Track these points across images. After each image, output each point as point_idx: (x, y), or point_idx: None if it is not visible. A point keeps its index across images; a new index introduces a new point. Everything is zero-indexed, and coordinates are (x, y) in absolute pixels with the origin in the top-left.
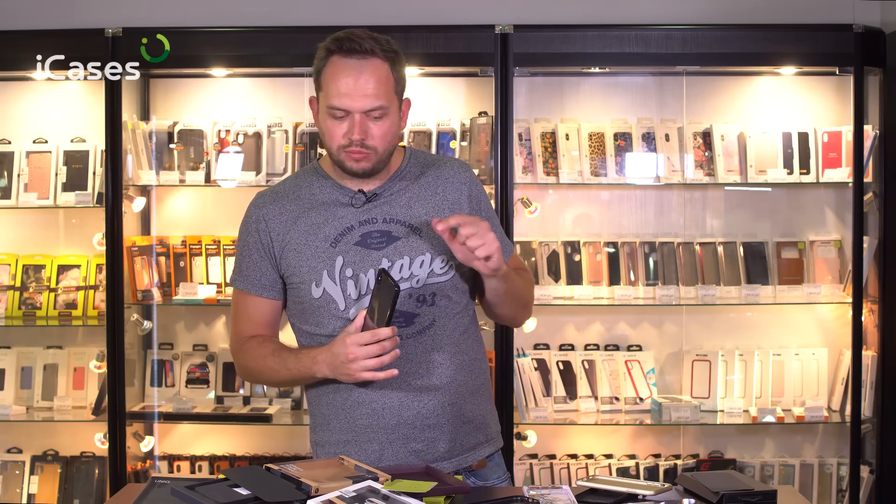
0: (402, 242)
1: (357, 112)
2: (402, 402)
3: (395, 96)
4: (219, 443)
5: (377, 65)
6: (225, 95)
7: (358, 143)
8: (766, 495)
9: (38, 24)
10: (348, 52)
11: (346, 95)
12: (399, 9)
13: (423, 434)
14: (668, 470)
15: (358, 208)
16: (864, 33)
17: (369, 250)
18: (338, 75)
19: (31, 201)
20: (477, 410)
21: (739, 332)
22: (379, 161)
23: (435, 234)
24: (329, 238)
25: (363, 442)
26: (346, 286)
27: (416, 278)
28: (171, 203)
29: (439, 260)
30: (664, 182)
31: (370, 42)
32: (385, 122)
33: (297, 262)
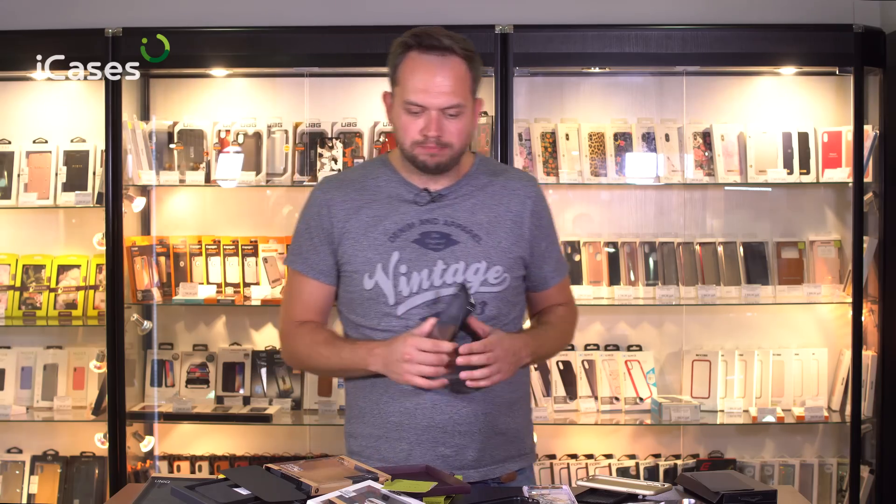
0: (459, 247)
1: (434, 109)
2: (435, 405)
3: (470, 95)
4: (219, 443)
5: (456, 63)
6: (225, 95)
7: (434, 139)
8: (766, 495)
9: (38, 24)
10: (427, 49)
11: (423, 91)
12: (399, 9)
13: (453, 440)
14: (668, 470)
15: (421, 206)
16: (864, 33)
17: (426, 250)
18: (416, 71)
19: (31, 201)
20: (511, 423)
21: (739, 332)
22: (453, 157)
23: (493, 243)
24: (388, 232)
25: (393, 440)
26: (399, 282)
27: (469, 284)
28: (171, 203)
29: (494, 270)
30: (664, 182)
31: (449, 40)
32: (461, 120)
33: (354, 251)
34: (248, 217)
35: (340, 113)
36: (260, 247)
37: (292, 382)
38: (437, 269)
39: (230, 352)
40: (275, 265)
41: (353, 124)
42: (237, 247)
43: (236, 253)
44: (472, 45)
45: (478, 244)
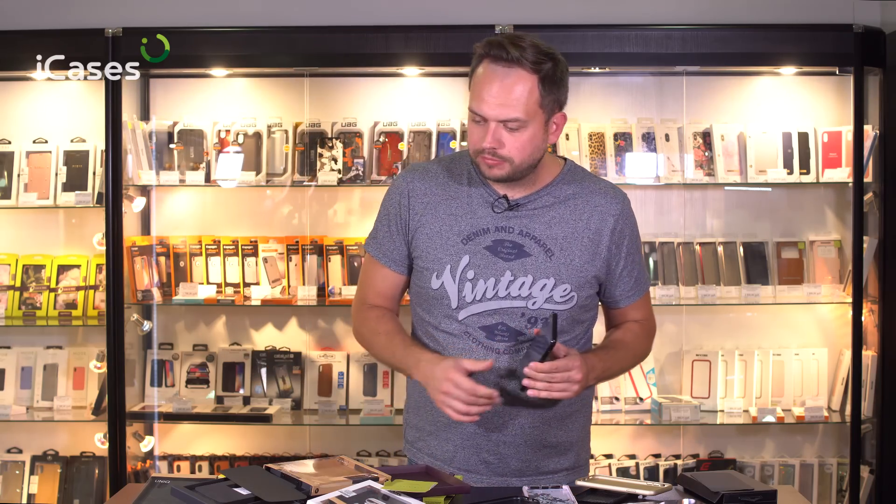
0: (530, 260)
1: (492, 120)
2: (492, 409)
3: (539, 110)
4: (219, 443)
5: (521, 76)
6: (225, 95)
7: (490, 151)
8: (766, 495)
9: (38, 24)
10: (496, 59)
11: (483, 101)
12: (399, 9)
13: (498, 448)
14: (668, 470)
15: (498, 213)
16: (864, 33)
17: (496, 258)
18: (481, 80)
19: (31, 201)
20: (563, 437)
21: (739, 332)
22: (515, 171)
23: (565, 260)
24: (462, 234)
25: (441, 439)
26: (464, 287)
27: (534, 300)
28: (171, 203)
29: (562, 288)
30: (664, 182)
31: (519, 51)
32: (522, 134)
33: (427, 247)
34: (248, 217)
35: (340, 113)
36: (260, 247)
37: (292, 382)
38: (504, 279)
39: (230, 352)
40: (274, 265)
41: (353, 124)
42: (237, 247)
43: (236, 253)
44: (552, 55)
45: (549, 259)
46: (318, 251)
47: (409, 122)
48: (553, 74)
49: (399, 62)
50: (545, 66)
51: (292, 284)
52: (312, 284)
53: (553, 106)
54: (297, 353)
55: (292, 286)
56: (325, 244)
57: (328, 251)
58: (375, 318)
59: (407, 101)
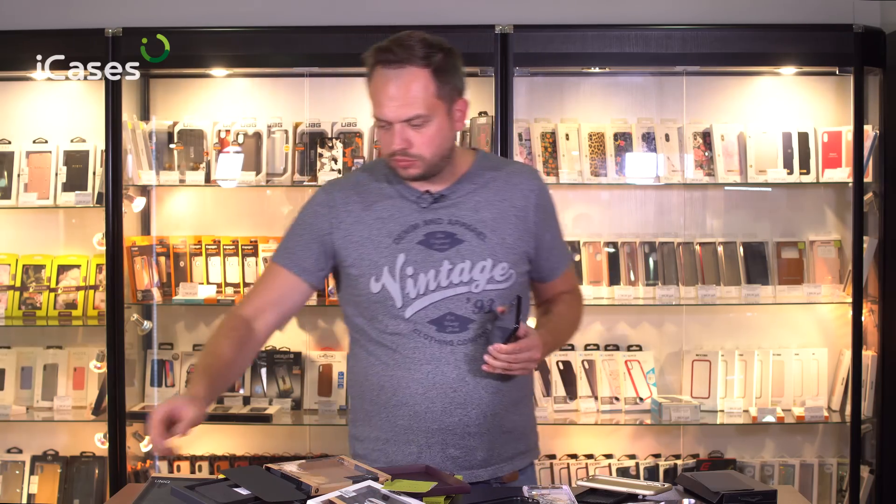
0: (465, 245)
1: (396, 122)
2: (445, 408)
3: (438, 102)
4: (219, 443)
5: (413, 73)
6: (225, 95)
7: (401, 152)
8: (766, 495)
9: (38, 24)
10: (386, 63)
11: (383, 106)
12: (399, 9)
13: (463, 441)
14: (668, 470)
15: (424, 207)
16: (864, 33)
17: (431, 251)
18: (377, 86)
19: (31, 201)
20: (518, 421)
21: (739, 332)
22: (430, 167)
23: (497, 240)
24: (393, 234)
25: (402, 443)
26: (406, 284)
27: (476, 283)
28: (171, 203)
29: (500, 267)
30: (664, 182)
31: (406, 51)
32: (428, 129)
33: (359, 254)
34: (248, 217)
35: (340, 113)
36: (260, 247)
37: (292, 382)
38: (444, 269)
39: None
40: None
41: (353, 124)
42: (237, 247)
43: (236, 253)
44: (441, 46)
45: (483, 242)
46: None
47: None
48: (445, 64)
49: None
50: (435, 58)
51: None
52: None
53: (452, 94)
54: (297, 353)
55: None
56: None
57: None
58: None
59: None
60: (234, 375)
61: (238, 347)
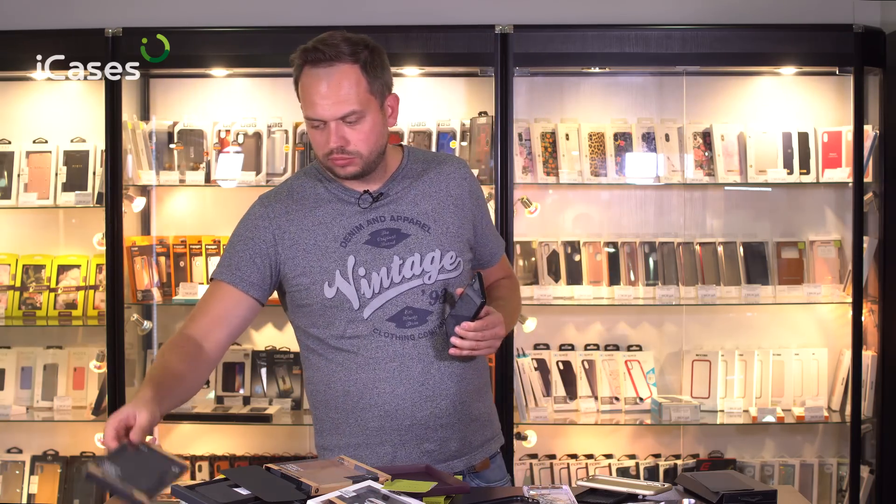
0: (412, 239)
1: (330, 120)
2: (415, 403)
3: (371, 97)
4: (219, 443)
5: (344, 70)
6: (225, 95)
7: (338, 150)
8: (766, 495)
9: (38, 24)
10: (314, 62)
11: (316, 105)
12: (399, 9)
13: (436, 434)
14: (668, 470)
15: (364, 208)
16: (864, 33)
17: (380, 248)
18: (307, 86)
19: (31, 201)
20: (482, 408)
21: (739, 332)
22: (367, 164)
23: (441, 230)
24: (338, 238)
25: (375, 444)
26: (360, 285)
27: (428, 274)
28: (171, 203)
29: (448, 256)
30: (664, 182)
31: (333, 49)
32: (363, 125)
33: (307, 262)
34: None
35: None
36: None
37: (292, 382)
38: (395, 265)
39: (230, 352)
40: None
41: None
42: None
43: None
44: (369, 44)
45: (428, 233)
46: None
47: (408, 122)
48: (373, 60)
49: (399, 62)
50: (362, 55)
51: None
52: None
53: (383, 90)
54: (297, 353)
55: None
56: None
57: None
58: (171, 346)
59: (407, 101)
60: (186, 392)
61: (188, 362)
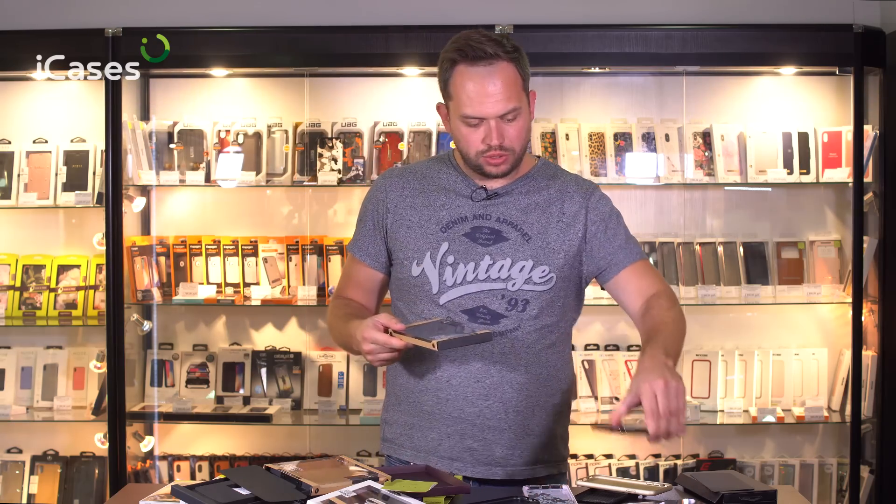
0: (508, 244)
1: (492, 118)
2: (466, 397)
3: (524, 94)
4: (219, 443)
5: (504, 67)
6: (225, 95)
7: (497, 147)
8: (766, 495)
9: (38, 24)
10: (474, 60)
11: (479, 103)
12: (399, 9)
13: (482, 434)
14: (668, 470)
15: (476, 202)
16: (864, 33)
17: (475, 244)
18: (466, 84)
19: (31, 201)
20: (545, 427)
21: (739, 332)
22: (516, 160)
23: (541, 243)
24: (441, 223)
25: (425, 428)
26: (444, 271)
27: (513, 281)
28: (171, 203)
29: (540, 269)
30: (664, 182)
31: (492, 45)
32: (519, 121)
33: (406, 239)
34: (248, 217)
35: (340, 113)
36: (260, 247)
37: (292, 382)
38: (484, 263)
39: (230, 352)
40: (274, 265)
41: (353, 124)
42: (237, 247)
43: (236, 253)
44: (514, 43)
45: (527, 243)
46: (319, 251)
47: (409, 122)
48: (522, 58)
49: (399, 62)
50: (514, 53)
51: (292, 284)
52: (312, 284)
53: (527, 87)
54: (297, 353)
55: (292, 286)
56: (325, 244)
57: (328, 251)
58: (340, 305)
59: (407, 101)
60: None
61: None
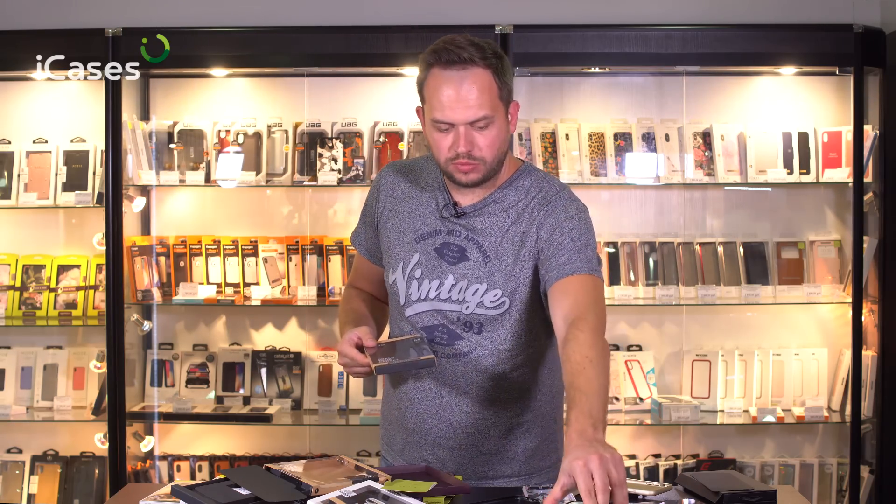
0: (469, 264)
1: (461, 124)
2: (419, 413)
3: (500, 103)
4: (219, 443)
5: (478, 73)
6: (225, 95)
7: (465, 154)
8: (766, 495)
9: (38, 24)
10: (447, 64)
11: (448, 108)
12: (399, 9)
13: (434, 449)
14: (668, 470)
15: (444, 218)
16: (864, 33)
17: (442, 261)
18: (439, 88)
19: (31, 201)
20: (507, 445)
21: (739, 332)
22: (489, 170)
23: (497, 265)
24: (416, 232)
25: (394, 432)
26: (411, 285)
27: (467, 304)
28: (171, 203)
29: (492, 293)
30: (664, 182)
31: (469, 50)
32: (491, 130)
33: (388, 244)
34: (248, 217)
35: (340, 113)
36: (260, 247)
37: (292, 382)
38: (447, 283)
39: (230, 352)
40: (274, 265)
41: (353, 124)
42: (237, 247)
43: (236, 253)
44: (496, 50)
45: (485, 265)
46: (318, 251)
47: (409, 122)
48: (502, 66)
49: (399, 62)
50: (493, 60)
51: (292, 284)
52: (312, 284)
53: (508, 97)
54: (297, 353)
55: (292, 286)
56: (325, 244)
57: (328, 251)
58: (351, 296)
59: (407, 101)
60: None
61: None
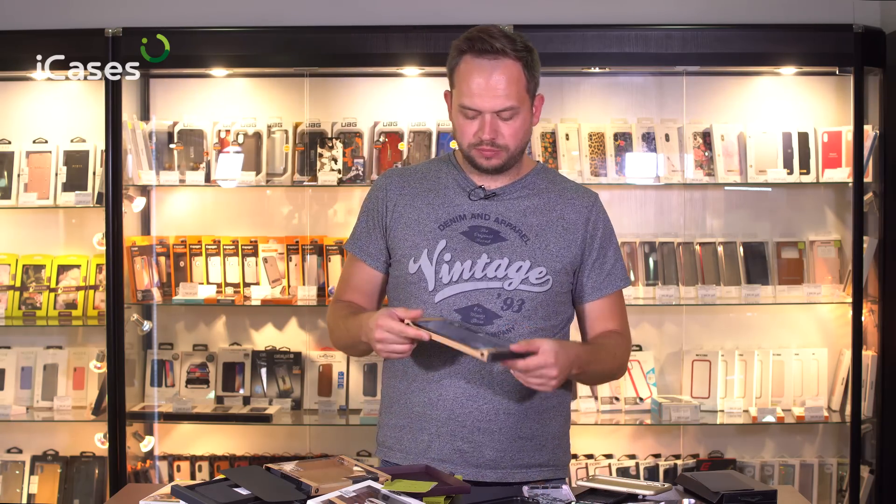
0: (506, 244)
1: (487, 112)
2: (456, 397)
3: (526, 95)
4: (219, 443)
5: (508, 65)
6: (225, 95)
7: (488, 142)
8: (766, 495)
9: (38, 24)
10: (480, 52)
11: (476, 95)
12: (399, 9)
13: (472, 436)
14: (668, 470)
15: (474, 201)
16: (864, 33)
17: (473, 242)
18: (469, 75)
19: (31, 201)
20: (541, 430)
21: (739, 332)
22: (510, 158)
23: (540, 245)
24: (439, 220)
25: (416, 430)
26: (441, 269)
27: (509, 281)
28: (171, 203)
29: (537, 270)
30: (664, 182)
31: (502, 41)
32: (516, 121)
33: (404, 236)
34: (248, 217)
35: (340, 113)
36: (260, 247)
37: (292, 382)
38: (481, 261)
39: (230, 352)
40: (274, 265)
41: (353, 124)
42: (237, 247)
43: (236, 253)
44: (527, 44)
45: (525, 244)
46: (319, 251)
47: (409, 122)
48: (532, 60)
49: (399, 62)
50: (524, 53)
51: (292, 284)
52: (312, 284)
53: (535, 89)
54: (297, 353)
55: (292, 286)
56: (325, 244)
57: (328, 251)
58: (341, 306)
59: (407, 101)
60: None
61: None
